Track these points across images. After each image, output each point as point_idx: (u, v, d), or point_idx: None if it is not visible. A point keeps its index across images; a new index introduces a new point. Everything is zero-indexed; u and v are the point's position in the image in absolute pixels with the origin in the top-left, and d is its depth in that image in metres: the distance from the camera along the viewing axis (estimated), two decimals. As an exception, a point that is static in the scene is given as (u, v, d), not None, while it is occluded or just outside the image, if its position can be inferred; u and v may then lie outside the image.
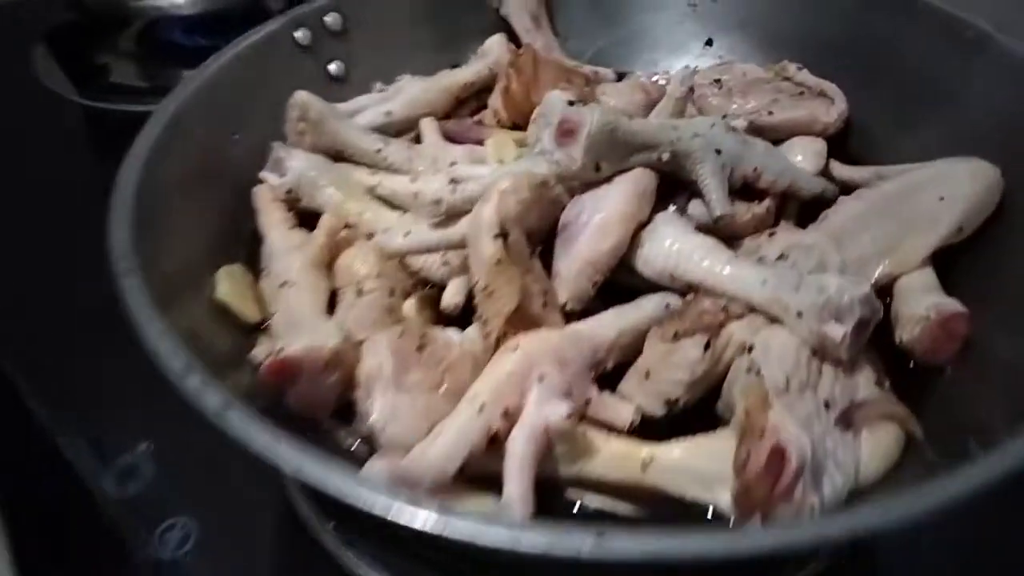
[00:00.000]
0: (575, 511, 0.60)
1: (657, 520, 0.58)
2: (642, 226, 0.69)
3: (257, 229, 0.79)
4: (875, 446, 0.57)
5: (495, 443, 0.58)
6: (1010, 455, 0.46)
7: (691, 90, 0.81)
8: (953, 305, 0.65)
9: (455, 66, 1.02)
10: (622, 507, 0.59)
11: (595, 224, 0.66)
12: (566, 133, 0.67)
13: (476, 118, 0.95)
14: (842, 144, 0.89)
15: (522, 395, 0.59)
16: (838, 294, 0.58)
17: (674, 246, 0.66)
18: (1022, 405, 0.58)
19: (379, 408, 0.59)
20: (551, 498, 0.58)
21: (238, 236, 0.81)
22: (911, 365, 0.67)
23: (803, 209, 0.80)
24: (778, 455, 0.50)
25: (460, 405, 0.58)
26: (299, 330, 0.62)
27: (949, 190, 0.71)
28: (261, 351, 0.68)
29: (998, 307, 0.67)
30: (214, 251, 0.77)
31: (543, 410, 0.57)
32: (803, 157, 0.85)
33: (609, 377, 0.65)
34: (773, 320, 0.62)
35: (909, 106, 0.86)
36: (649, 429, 0.62)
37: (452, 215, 0.68)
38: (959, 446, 0.55)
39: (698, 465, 0.57)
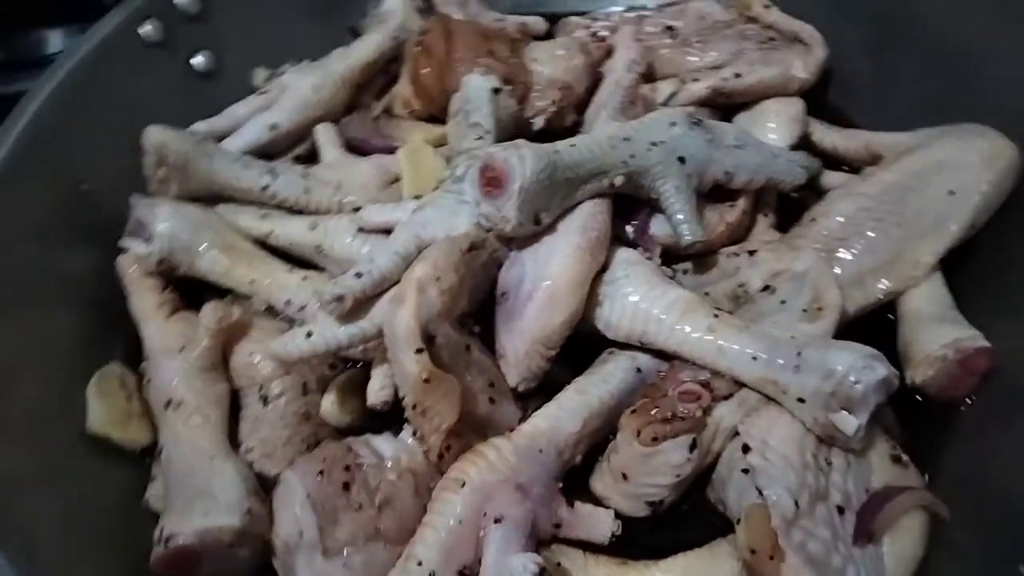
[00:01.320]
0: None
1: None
2: (600, 271, 0.56)
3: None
4: (900, 549, 0.48)
5: (454, 602, 0.48)
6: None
7: (645, 75, 0.65)
8: (973, 340, 0.55)
9: (352, 29, 0.84)
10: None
11: (541, 296, 0.53)
12: (492, 181, 0.53)
13: (383, 104, 0.79)
14: (820, 95, 0.75)
15: (477, 544, 0.48)
16: (848, 381, 0.47)
17: (640, 305, 0.54)
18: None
19: (305, 584, 0.48)
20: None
21: (110, 312, 0.67)
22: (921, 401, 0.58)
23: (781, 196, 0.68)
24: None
25: (404, 572, 0.47)
26: (188, 498, 0.49)
27: (959, 180, 0.59)
28: (158, 495, 0.56)
29: (1016, 319, 0.57)
30: (82, 343, 0.64)
31: (506, 566, 0.47)
32: (777, 124, 0.71)
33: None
34: (767, 398, 0.51)
35: (899, 45, 0.72)
36: (630, 526, 0.53)
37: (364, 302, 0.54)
38: (998, 546, 0.47)
39: (696, 592, 0.49)
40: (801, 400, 0.49)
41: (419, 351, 0.48)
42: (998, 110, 0.62)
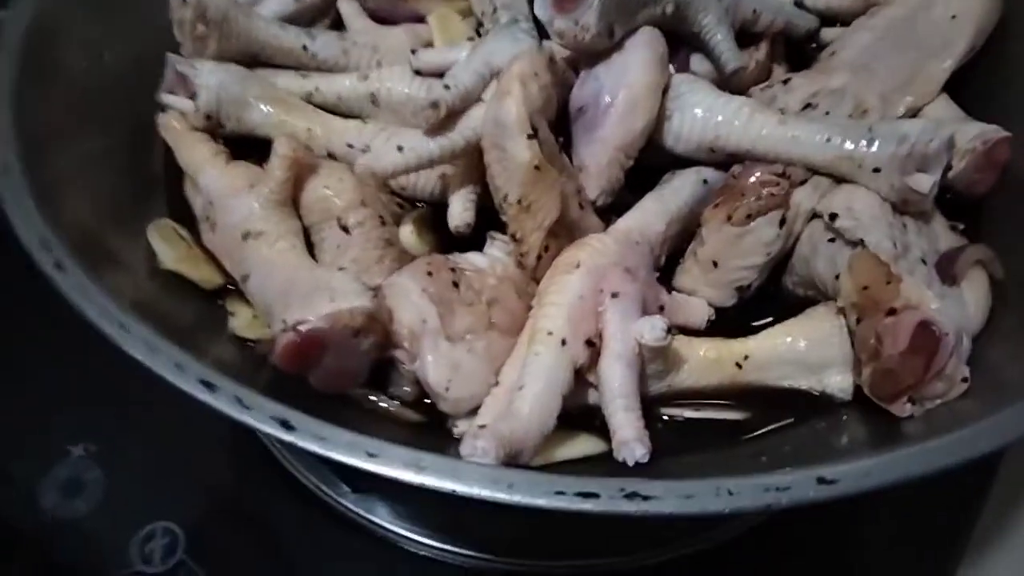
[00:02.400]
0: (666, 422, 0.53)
1: (762, 417, 0.53)
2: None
3: (174, 170, 0.62)
4: (975, 294, 0.53)
5: (579, 375, 0.49)
6: None
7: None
8: (996, 131, 0.61)
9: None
10: (722, 413, 0.53)
11: (621, 103, 0.55)
12: (566, -4, 0.55)
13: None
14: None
15: (596, 319, 0.50)
16: (923, 140, 0.52)
17: (709, 113, 0.57)
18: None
19: (435, 367, 0.48)
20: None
21: (148, 181, 0.65)
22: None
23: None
24: (927, 332, 0.45)
25: (534, 343, 0.48)
26: (306, 293, 0.48)
27: (959, 6, 0.66)
28: (243, 325, 0.55)
29: (1015, 126, 0.64)
30: (124, 202, 0.61)
31: (631, 331, 0.48)
32: (774, -12, 0.76)
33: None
34: (838, 181, 0.56)
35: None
36: (719, 318, 0.56)
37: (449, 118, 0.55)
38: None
39: (800, 352, 0.52)
40: (877, 170, 0.53)
41: (530, 137, 0.50)
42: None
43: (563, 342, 0.48)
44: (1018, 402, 0.43)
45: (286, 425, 0.38)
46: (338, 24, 0.73)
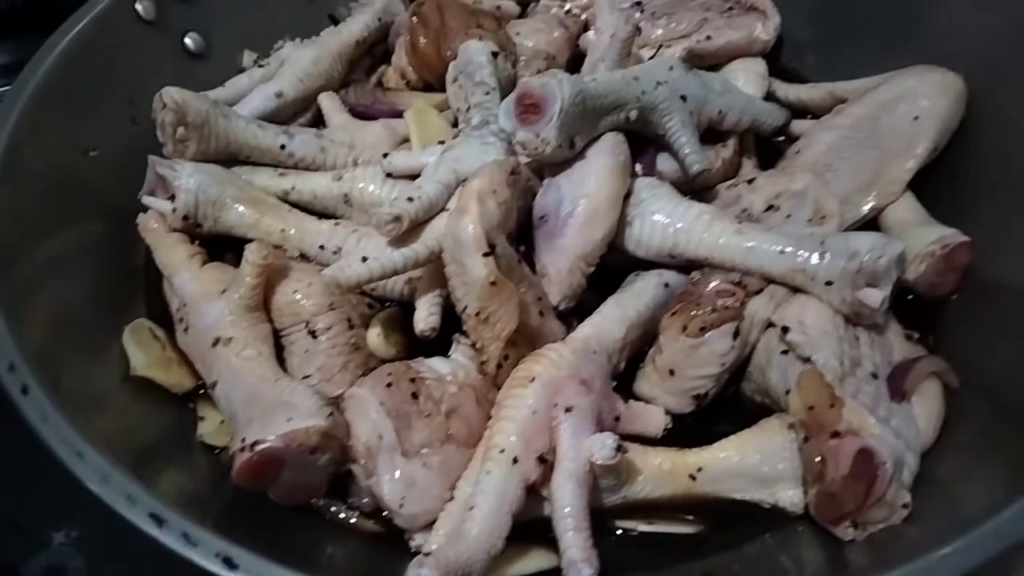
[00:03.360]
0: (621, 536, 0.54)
1: (716, 530, 0.53)
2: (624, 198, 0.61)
3: (154, 267, 0.64)
4: (926, 409, 0.54)
5: (531, 491, 0.50)
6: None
7: (637, 28, 0.71)
8: (955, 236, 0.62)
9: (332, 16, 0.88)
10: (675, 527, 0.54)
11: (581, 213, 0.57)
12: (530, 108, 0.57)
13: (375, 79, 0.82)
14: (775, 58, 0.83)
15: (551, 433, 0.51)
16: (872, 257, 0.53)
17: (669, 220, 0.59)
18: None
19: (390, 484, 0.49)
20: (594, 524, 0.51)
21: (126, 275, 0.67)
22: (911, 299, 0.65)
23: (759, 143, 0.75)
24: (866, 459, 0.46)
25: (487, 460, 0.49)
26: (267, 409, 0.50)
27: (921, 108, 0.67)
28: (210, 431, 0.57)
29: (983, 223, 0.65)
30: (103, 298, 0.63)
31: (582, 447, 0.49)
32: (745, 81, 0.78)
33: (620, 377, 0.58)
34: (794, 290, 0.57)
35: (841, 8, 0.81)
36: (677, 424, 0.57)
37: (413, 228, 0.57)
38: (1000, 399, 0.54)
39: (751, 466, 0.53)
40: (829, 283, 0.54)
41: (486, 254, 0.51)
42: (933, 56, 0.71)
43: (515, 460, 0.49)
44: (970, 532, 0.43)
45: (229, 563, 0.39)
46: (320, 117, 0.76)
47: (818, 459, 0.48)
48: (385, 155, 0.65)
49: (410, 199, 0.56)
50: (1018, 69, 0.66)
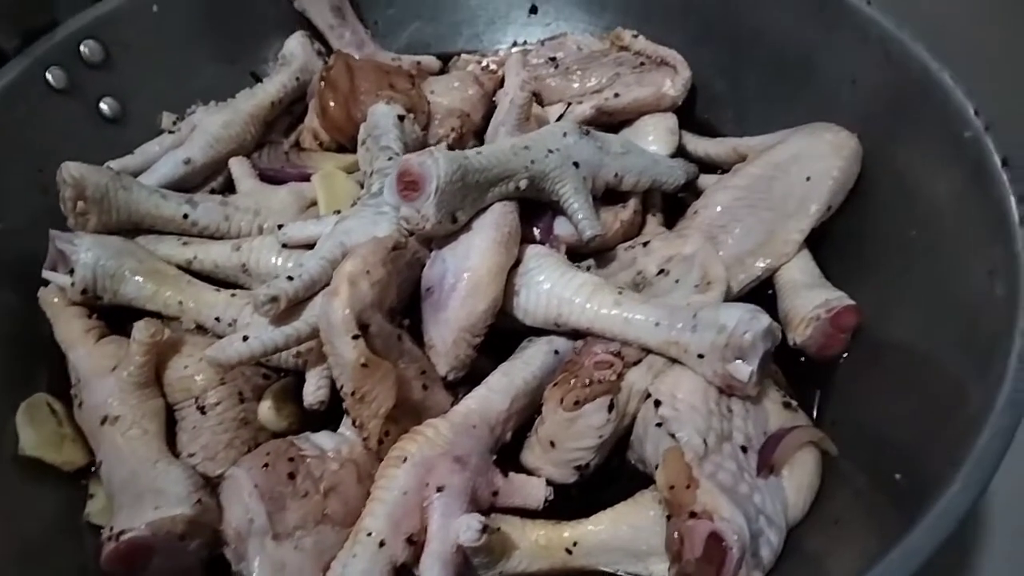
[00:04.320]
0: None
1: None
2: (514, 266, 0.62)
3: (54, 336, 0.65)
4: (798, 481, 0.55)
5: (404, 571, 0.51)
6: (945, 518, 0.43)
7: (536, 95, 0.73)
8: (840, 300, 0.63)
9: (254, 75, 0.89)
10: (552, 600, 0.54)
11: (464, 286, 0.58)
12: (410, 185, 0.58)
13: (292, 139, 0.83)
14: (688, 111, 0.84)
15: (423, 512, 0.51)
16: (739, 331, 0.54)
17: (553, 290, 0.60)
18: (921, 398, 0.57)
19: (259, 569, 0.50)
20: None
21: (31, 348, 0.67)
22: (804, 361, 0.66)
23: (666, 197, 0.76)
24: (716, 542, 0.46)
25: (356, 543, 0.50)
26: (137, 495, 0.51)
27: (814, 169, 0.68)
28: (97, 510, 0.57)
29: (875, 285, 0.66)
30: (6, 372, 0.64)
31: (450, 529, 0.50)
32: (655, 137, 0.79)
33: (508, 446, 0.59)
34: (672, 360, 0.58)
35: (748, 63, 0.82)
36: (561, 493, 0.58)
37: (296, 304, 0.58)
38: (878, 467, 0.54)
39: (625, 540, 0.53)
40: (700, 356, 0.55)
41: (355, 337, 0.52)
42: (834, 108, 0.72)
43: (381, 543, 0.50)
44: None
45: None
46: (229, 184, 0.77)
47: (676, 537, 0.48)
48: (280, 226, 0.66)
49: (290, 278, 0.57)
50: (908, 128, 0.67)
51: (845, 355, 0.65)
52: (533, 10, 0.94)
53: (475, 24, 0.95)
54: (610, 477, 0.59)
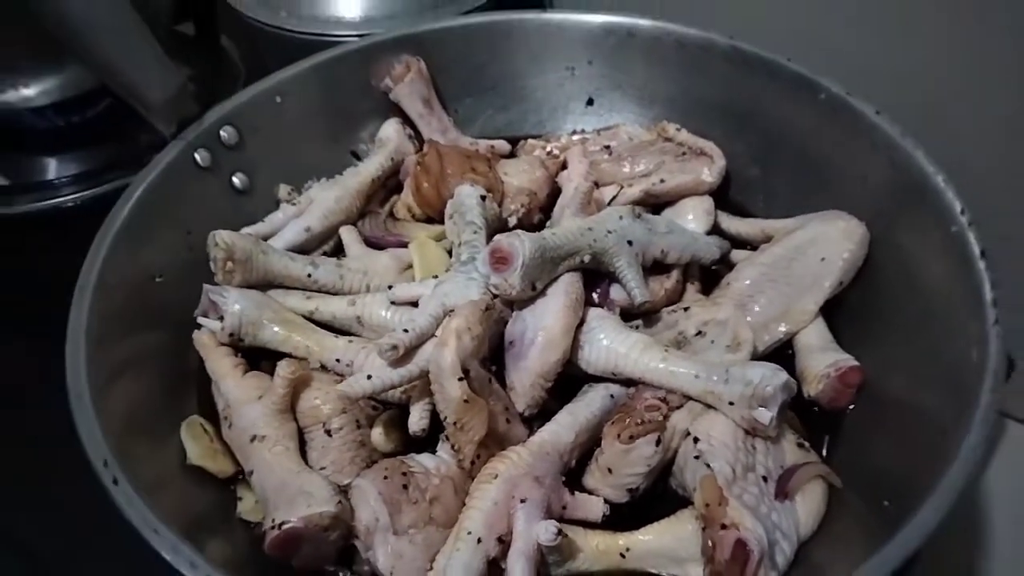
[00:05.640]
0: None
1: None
2: (579, 325, 0.76)
3: (205, 370, 0.81)
4: (808, 507, 0.68)
5: (493, 564, 0.64)
6: (918, 530, 0.57)
7: (595, 183, 0.88)
8: (847, 361, 0.77)
9: (354, 153, 1.06)
10: (608, 596, 0.68)
11: (540, 342, 0.72)
12: (500, 260, 0.73)
13: (388, 209, 0.99)
14: (724, 193, 0.99)
15: (509, 519, 0.65)
16: (762, 385, 0.67)
17: (611, 346, 0.74)
18: (911, 441, 0.70)
19: (383, 557, 0.64)
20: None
21: (184, 377, 0.83)
22: (817, 411, 0.79)
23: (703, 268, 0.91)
24: (741, 547, 0.60)
25: (458, 540, 0.64)
26: (291, 496, 0.65)
27: (828, 251, 0.82)
28: (247, 509, 0.72)
29: (879, 348, 0.80)
30: (166, 395, 0.79)
31: (532, 531, 0.64)
32: (694, 217, 0.94)
33: (573, 471, 0.73)
34: (708, 406, 0.71)
35: (776, 156, 0.97)
36: (616, 511, 0.71)
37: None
38: (874, 496, 0.67)
39: (668, 547, 0.66)
40: (731, 403, 0.69)
41: (460, 379, 0.67)
42: (847, 200, 0.87)
43: (479, 540, 0.63)
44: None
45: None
46: (341, 245, 0.93)
47: (710, 544, 0.62)
48: (390, 287, 0.81)
49: (405, 330, 0.72)
50: (908, 220, 0.81)
51: (851, 407, 0.79)
52: (590, 102, 1.10)
53: (540, 113, 1.11)
54: (656, 498, 0.72)
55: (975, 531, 0.98)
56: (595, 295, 0.82)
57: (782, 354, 0.82)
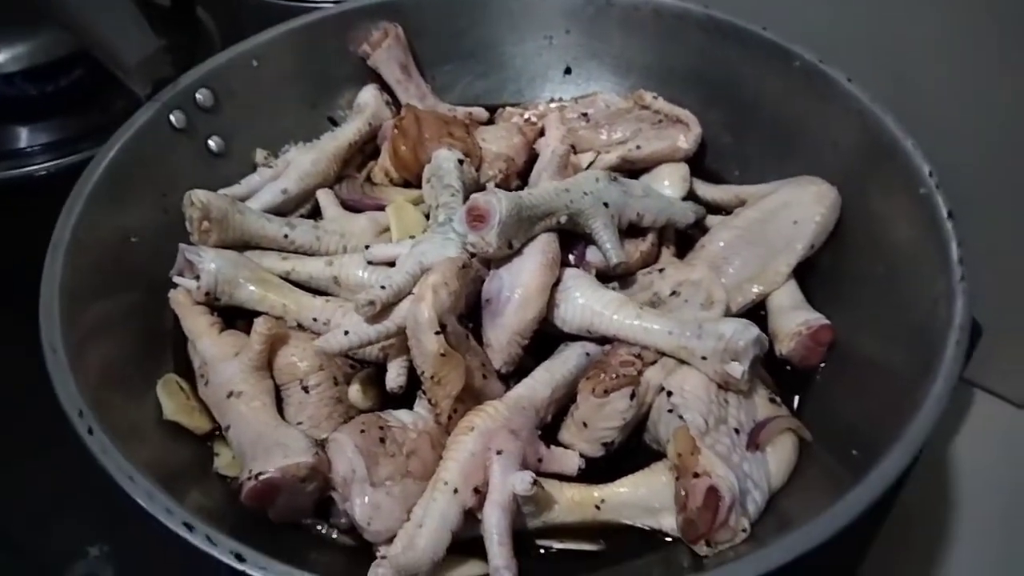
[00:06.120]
0: (542, 553, 0.69)
1: (614, 549, 0.68)
2: (555, 284, 0.77)
3: (180, 329, 0.81)
4: (779, 458, 0.69)
5: (469, 514, 0.65)
6: (882, 477, 0.58)
7: (572, 148, 0.88)
8: (819, 319, 0.78)
9: (331, 119, 1.06)
10: (582, 545, 0.69)
11: (516, 299, 0.73)
12: (477, 218, 0.73)
13: (365, 174, 0.99)
14: (699, 161, 1.00)
15: (485, 470, 0.66)
16: (734, 339, 0.69)
17: (587, 304, 0.75)
18: (879, 396, 0.72)
19: (360, 508, 0.65)
20: (521, 545, 0.66)
21: (160, 337, 0.83)
22: (789, 369, 0.81)
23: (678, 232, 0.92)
24: (713, 494, 0.61)
25: (434, 490, 0.64)
26: (267, 448, 0.65)
27: (800, 214, 0.84)
28: (224, 464, 0.72)
29: (849, 308, 0.81)
30: (141, 354, 0.79)
31: (507, 482, 0.65)
32: (670, 183, 0.95)
33: (549, 427, 0.74)
34: (681, 362, 0.73)
35: (749, 124, 0.98)
36: (591, 465, 0.72)
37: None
38: (843, 448, 0.69)
39: (642, 498, 0.68)
40: (704, 358, 0.70)
41: (437, 332, 0.67)
42: (819, 165, 0.88)
43: (455, 491, 0.64)
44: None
45: (239, 557, 0.54)
46: (318, 209, 0.93)
47: (683, 493, 0.63)
48: (367, 246, 0.81)
49: (383, 287, 0.72)
50: (878, 183, 0.83)
51: (822, 365, 0.80)
52: (568, 71, 1.10)
53: (518, 81, 1.11)
54: (630, 453, 0.73)
55: (944, 501, 1.01)
56: (571, 256, 0.82)
57: (755, 315, 0.83)
